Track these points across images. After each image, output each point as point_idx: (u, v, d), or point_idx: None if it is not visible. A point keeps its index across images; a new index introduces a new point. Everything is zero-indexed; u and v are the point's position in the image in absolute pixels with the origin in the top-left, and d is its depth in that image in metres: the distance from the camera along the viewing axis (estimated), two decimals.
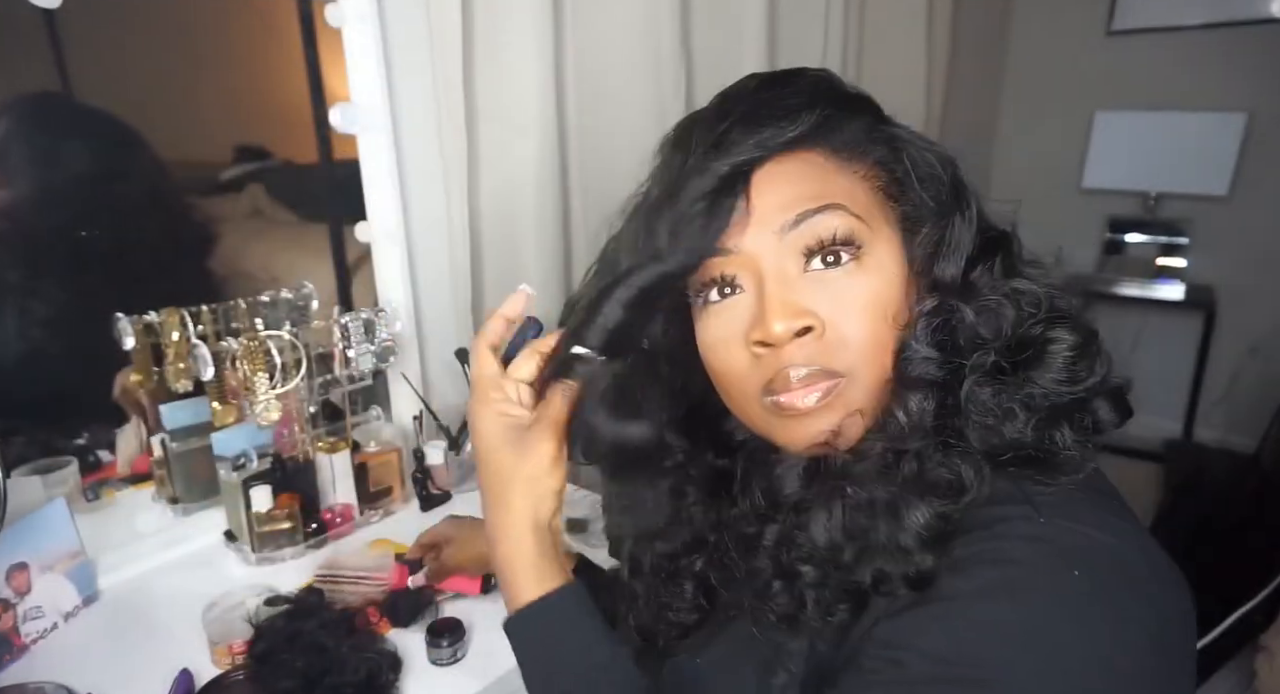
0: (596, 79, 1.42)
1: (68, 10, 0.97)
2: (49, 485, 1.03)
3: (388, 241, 1.23)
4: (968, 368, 0.45)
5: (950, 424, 0.45)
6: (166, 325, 1.00)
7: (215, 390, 1.02)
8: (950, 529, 0.43)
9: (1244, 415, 2.87)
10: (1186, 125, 2.83)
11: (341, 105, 1.16)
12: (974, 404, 0.45)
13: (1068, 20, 3.06)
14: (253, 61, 1.31)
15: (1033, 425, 0.44)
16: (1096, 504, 0.45)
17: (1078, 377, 0.45)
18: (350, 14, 1.12)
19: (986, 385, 0.45)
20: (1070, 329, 0.45)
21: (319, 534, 1.06)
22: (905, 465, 0.45)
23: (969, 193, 0.50)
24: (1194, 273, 2.90)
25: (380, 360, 1.13)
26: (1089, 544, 0.42)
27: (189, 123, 1.24)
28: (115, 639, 0.89)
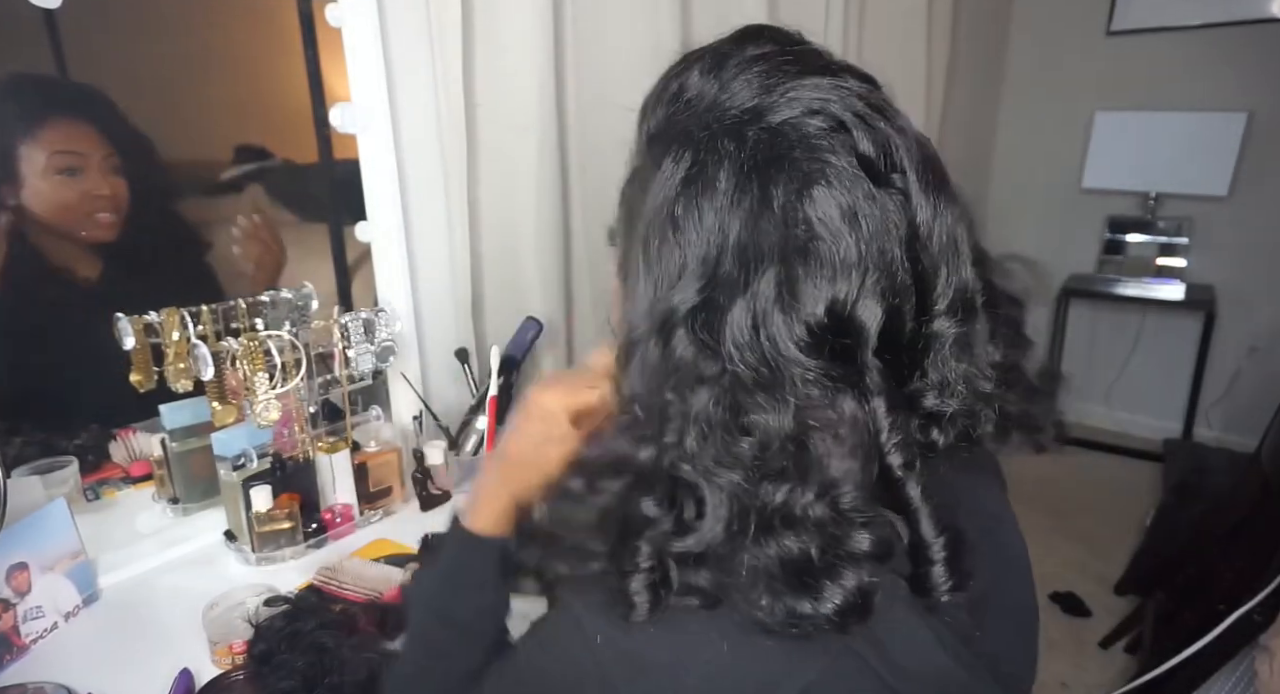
0: (596, 79, 1.42)
1: (68, 10, 0.98)
2: (49, 485, 1.03)
3: (388, 241, 1.23)
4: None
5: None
6: (166, 325, 1.00)
7: (215, 390, 1.02)
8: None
9: (1244, 415, 2.87)
10: (1186, 125, 2.84)
11: (341, 105, 1.16)
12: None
13: (1068, 20, 3.06)
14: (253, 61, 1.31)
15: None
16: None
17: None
18: (350, 14, 1.12)
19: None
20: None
21: (319, 534, 1.06)
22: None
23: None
24: (1194, 273, 2.91)
25: (380, 360, 1.13)
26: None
27: (189, 123, 1.24)
28: (115, 639, 0.89)
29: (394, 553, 1.05)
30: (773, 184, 0.41)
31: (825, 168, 0.41)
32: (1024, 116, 3.23)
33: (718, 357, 0.41)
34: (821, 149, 0.41)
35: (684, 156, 0.43)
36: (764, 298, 0.40)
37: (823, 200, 0.41)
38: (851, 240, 0.41)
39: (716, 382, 0.41)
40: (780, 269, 0.40)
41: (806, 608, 0.39)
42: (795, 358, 0.40)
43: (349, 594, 0.92)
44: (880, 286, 0.41)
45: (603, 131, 1.46)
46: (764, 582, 0.40)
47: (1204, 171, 2.83)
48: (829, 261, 0.40)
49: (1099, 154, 3.01)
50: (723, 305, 0.41)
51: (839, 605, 0.39)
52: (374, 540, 1.09)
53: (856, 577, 0.40)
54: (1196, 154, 2.83)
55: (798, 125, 0.42)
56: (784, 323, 0.40)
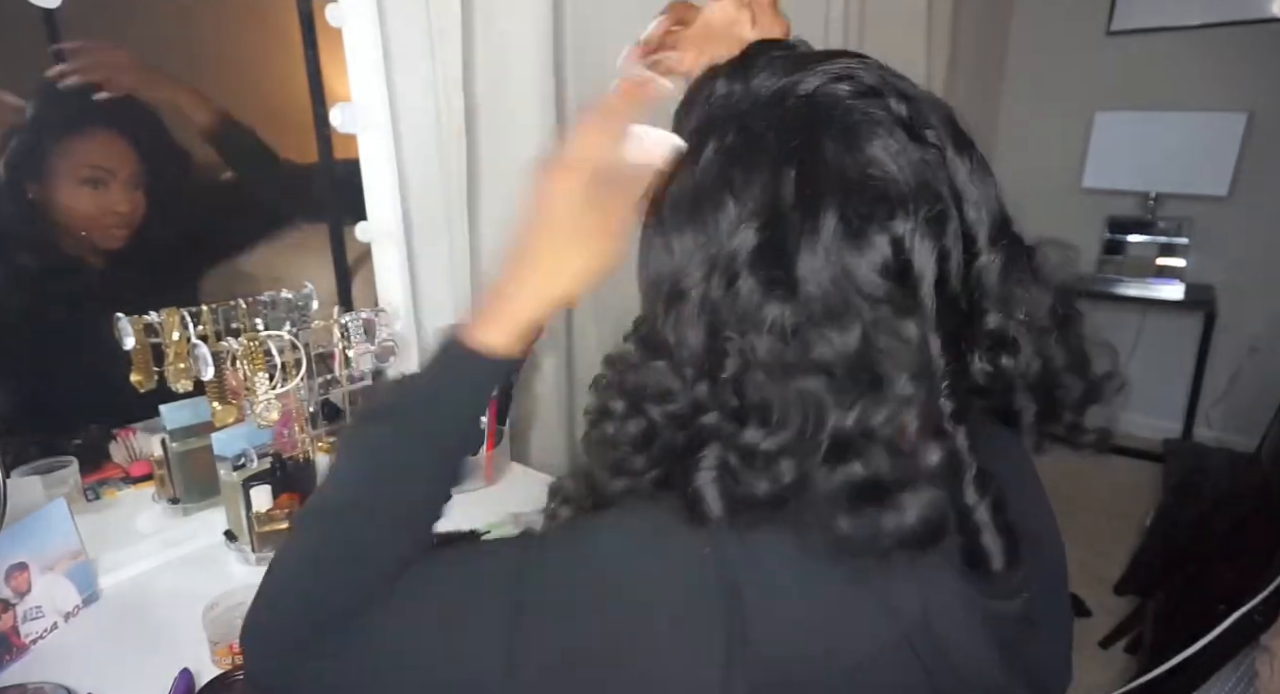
0: (596, 79, 1.42)
1: (68, 10, 0.98)
2: (49, 485, 1.03)
3: (388, 241, 1.23)
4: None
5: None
6: (166, 325, 1.00)
7: (215, 390, 1.02)
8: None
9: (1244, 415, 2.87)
10: (1186, 125, 2.83)
11: (341, 105, 1.16)
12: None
13: (1068, 20, 3.06)
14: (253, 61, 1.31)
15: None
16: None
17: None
18: (350, 14, 1.12)
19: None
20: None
21: None
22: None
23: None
24: (1194, 273, 2.91)
25: (380, 360, 1.13)
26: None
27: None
28: (115, 639, 0.89)
29: None
30: (821, 135, 0.44)
31: (867, 118, 0.44)
32: (1024, 116, 3.23)
33: (785, 288, 0.42)
34: (858, 105, 0.44)
35: (727, 132, 0.46)
36: (829, 232, 0.42)
37: (869, 146, 0.43)
38: (900, 177, 0.43)
39: (785, 309, 0.42)
40: (842, 207, 0.42)
41: (891, 521, 0.41)
42: (866, 280, 0.42)
43: None
44: (933, 224, 0.43)
45: None
46: (843, 503, 0.41)
47: (1204, 171, 2.83)
48: (885, 198, 0.42)
49: (1099, 154, 3.01)
50: (788, 245, 0.42)
51: (921, 515, 0.41)
52: None
53: (931, 491, 0.41)
54: (1196, 154, 2.83)
55: (830, 91, 0.45)
56: (851, 254, 0.42)
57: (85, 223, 1.12)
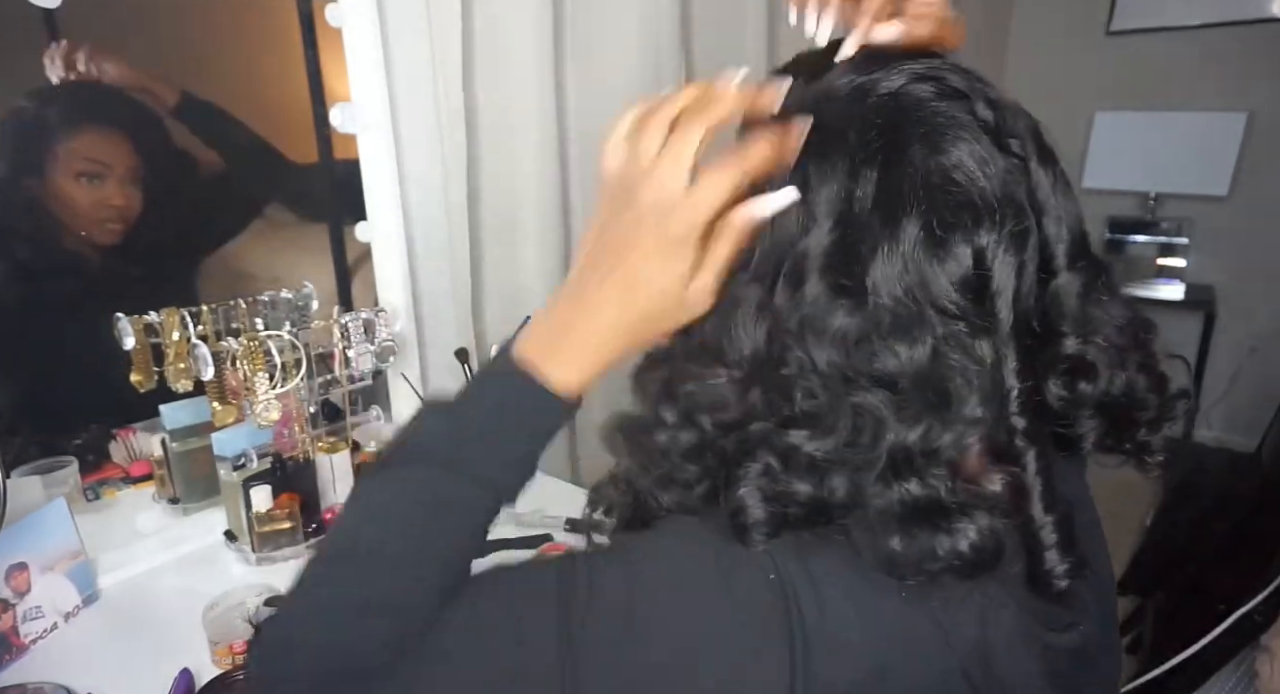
0: (596, 79, 1.42)
1: (68, 10, 0.97)
2: (49, 485, 1.03)
3: (388, 241, 1.23)
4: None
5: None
6: (166, 325, 1.00)
7: (215, 390, 1.02)
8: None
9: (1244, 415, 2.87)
10: (1186, 125, 2.83)
11: (341, 105, 1.16)
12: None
13: (1068, 20, 3.06)
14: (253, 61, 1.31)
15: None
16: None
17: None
18: (350, 14, 1.12)
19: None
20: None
21: (319, 534, 1.06)
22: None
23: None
24: (1194, 273, 2.91)
25: (380, 360, 1.13)
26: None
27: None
28: (115, 639, 0.89)
29: None
30: (903, 135, 0.41)
31: (951, 121, 0.42)
32: None
33: (854, 297, 0.40)
34: (944, 108, 0.42)
35: (804, 127, 0.43)
36: (909, 240, 0.40)
37: (954, 150, 0.41)
38: (986, 185, 0.41)
39: (852, 319, 0.40)
40: (925, 214, 0.40)
41: (944, 544, 0.39)
42: (943, 293, 0.40)
43: None
44: (1015, 237, 0.41)
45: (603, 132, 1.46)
46: (895, 522, 0.40)
47: (1204, 171, 2.83)
48: (970, 207, 0.40)
49: (1099, 154, 3.01)
50: (863, 250, 0.40)
51: (974, 542, 0.39)
52: None
53: (989, 518, 0.40)
54: (1196, 154, 2.83)
55: (913, 91, 0.43)
56: (930, 265, 0.40)
57: (81, 218, 1.12)
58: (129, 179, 1.14)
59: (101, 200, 1.12)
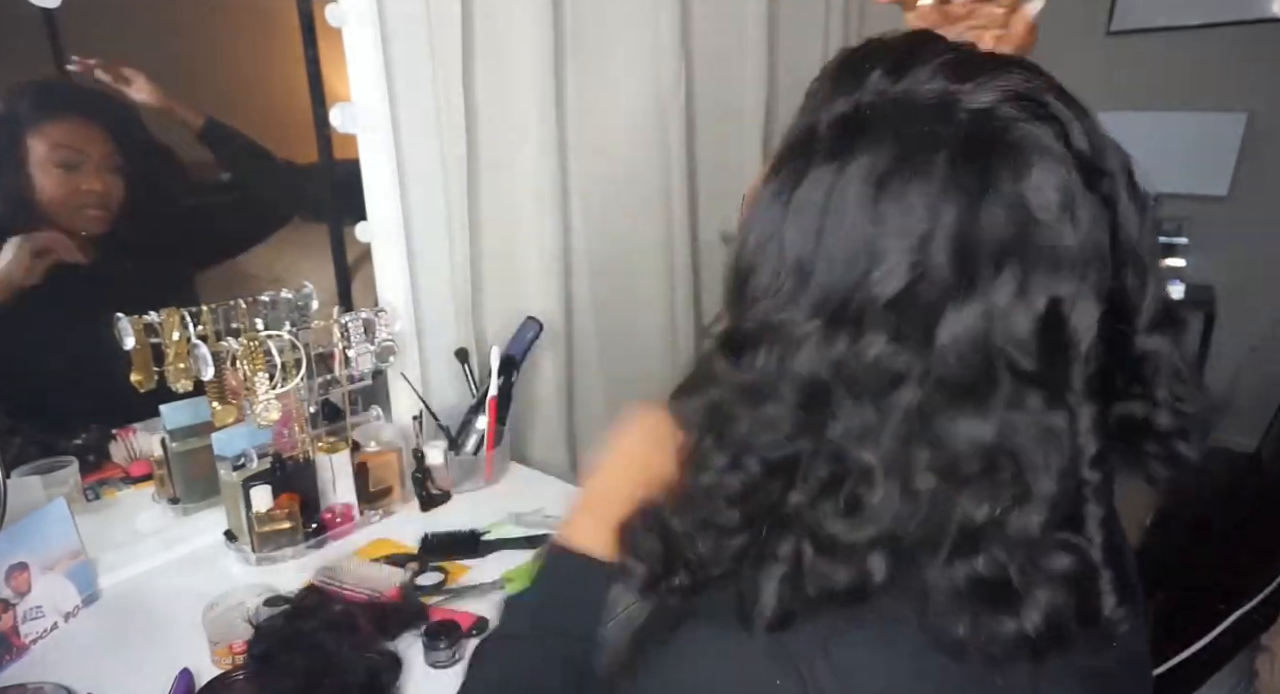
0: (596, 79, 1.42)
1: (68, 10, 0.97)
2: (49, 485, 1.03)
3: (388, 241, 1.23)
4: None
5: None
6: (166, 325, 1.00)
7: (215, 390, 1.02)
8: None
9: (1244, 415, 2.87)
10: (1186, 125, 2.83)
11: (341, 105, 1.16)
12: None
13: (1068, 20, 3.05)
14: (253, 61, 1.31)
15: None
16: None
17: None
18: (350, 14, 1.12)
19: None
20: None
21: (319, 534, 1.06)
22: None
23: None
24: (1194, 273, 2.90)
25: (380, 360, 1.13)
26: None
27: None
28: (115, 639, 0.89)
29: (394, 553, 1.05)
30: (993, 166, 0.37)
31: (1044, 150, 0.37)
32: None
33: (919, 353, 0.37)
34: (1032, 134, 0.37)
35: (883, 141, 0.38)
36: (1001, 293, 0.36)
37: (1042, 185, 0.36)
38: (1071, 230, 0.36)
39: (914, 380, 0.37)
40: (1014, 260, 0.36)
41: (1010, 627, 0.36)
42: (1020, 347, 0.36)
43: (349, 594, 0.92)
44: (1098, 287, 0.37)
45: (603, 132, 1.46)
46: (961, 603, 0.37)
47: (1204, 171, 2.83)
48: (1049, 252, 0.36)
49: None
50: (935, 300, 0.36)
51: (1039, 624, 0.36)
52: (374, 540, 1.09)
53: (1055, 597, 0.37)
54: (1196, 154, 2.83)
55: (1004, 112, 0.38)
56: (1008, 317, 0.36)
57: (61, 207, 1.13)
58: (107, 166, 1.15)
59: (78, 187, 1.13)
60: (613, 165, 1.48)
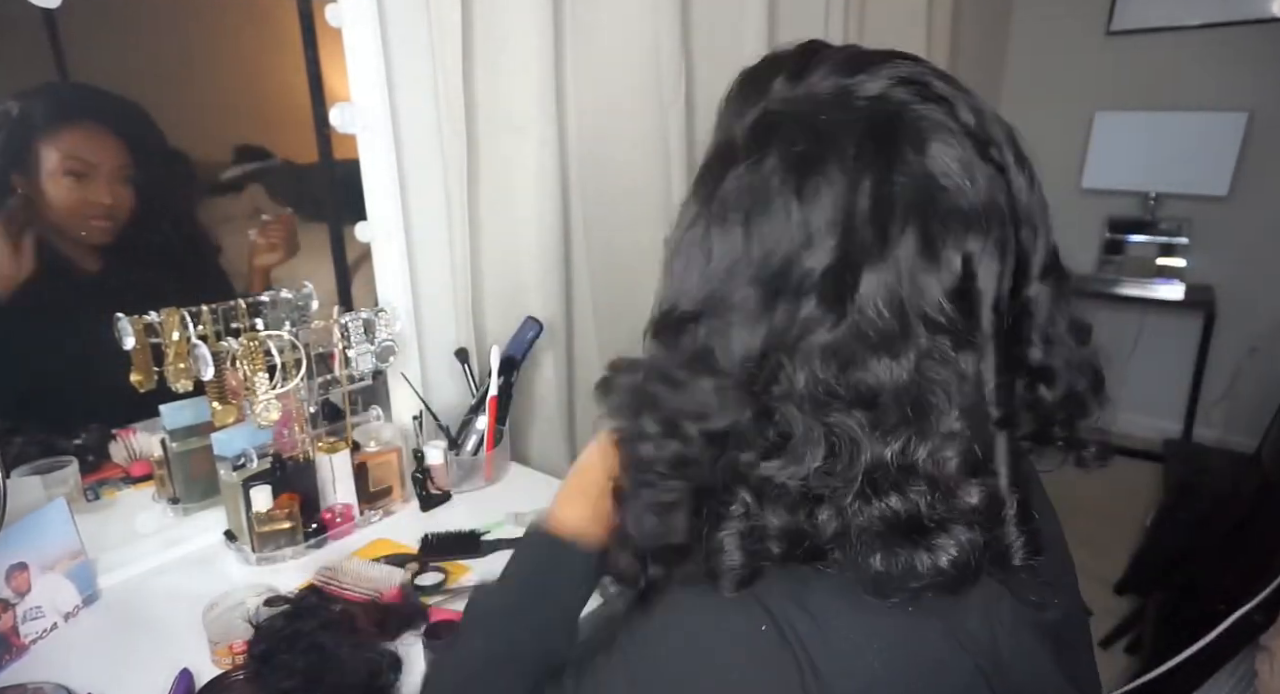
0: (596, 79, 1.42)
1: (67, 10, 0.97)
2: (49, 485, 1.03)
3: (388, 241, 1.23)
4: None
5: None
6: (166, 325, 1.00)
7: (215, 390, 1.02)
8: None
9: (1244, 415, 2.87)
10: (1186, 125, 2.83)
11: (341, 105, 1.16)
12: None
13: (1068, 20, 3.06)
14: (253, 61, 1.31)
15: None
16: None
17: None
18: (350, 14, 1.12)
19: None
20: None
21: (319, 534, 1.06)
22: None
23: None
24: (1194, 273, 2.91)
25: (380, 360, 1.13)
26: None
27: (188, 123, 1.24)
28: (115, 639, 0.89)
29: (394, 553, 1.05)
30: (897, 141, 0.41)
31: (937, 125, 0.41)
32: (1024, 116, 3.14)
33: (842, 312, 0.40)
34: (927, 113, 0.42)
35: (796, 136, 0.43)
36: (907, 251, 0.40)
37: (941, 154, 0.41)
38: (972, 192, 0.41)
39: (834, 334, 0.40)
40: (921, 221, 0.40)
41: (924, 561, 0.39)
42: (934, 304, 0.40)
43: (349, 594, 0.92)
44: (999, 243, 0.42)
45: (603, 132, 1.46)
46: (877, 541, 0.40)
47: (1204, 171, 2.83)
48: (958, 213, 0.40)
49: (1099, 154, 3.00)
50: (859, 264, 0.40)
51: (954, 558, 0.39)
52: (374, 540, 1.09)
53: (969, 532, 0.40)
54: (1196, 154, 2.83)
55: (893, 95, 0.42)
56: (924, 274, 0.40)
57: (69, 217, 1.12)
58: (119, 177, 1.14)
59: (88, 198, 1.12)
60: (613, 165, 1.48)
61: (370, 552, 1.06)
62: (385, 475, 1.16)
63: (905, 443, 0.39)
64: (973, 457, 0.40)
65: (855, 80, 0.43)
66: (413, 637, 0.87)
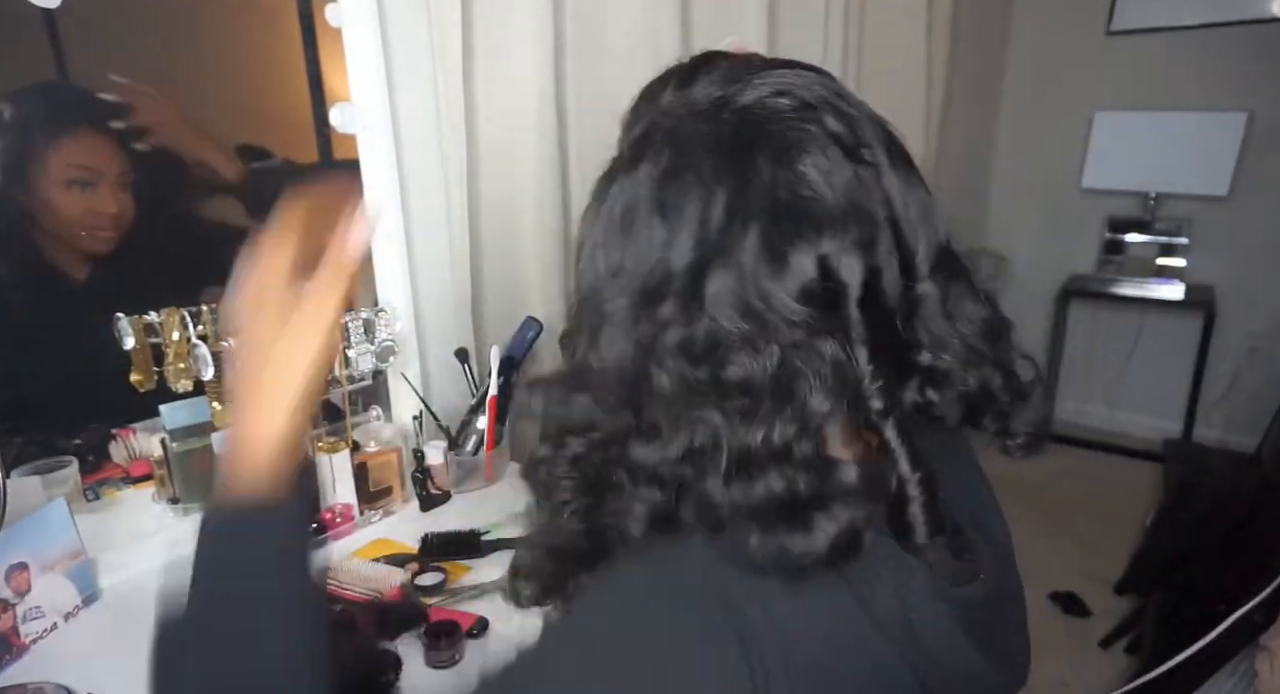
0: (596, 79, 1.42)
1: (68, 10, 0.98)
2: (49, 485, 1.03)
3: (388, 241, 1.23)
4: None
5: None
6: (166, 325, 1.00)
7: (215, 390, 1.02)
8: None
9: (1244, 415, 2.87)
10: (1186, 125, 2.83)
11: (341, 105, 1.16)
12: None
13: (1068, 20, 3.06)
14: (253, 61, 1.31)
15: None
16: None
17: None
18: (350, 14, 1.12)
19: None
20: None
21: (319, 534, 1.06)
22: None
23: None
24: (1194, 273, 2.91)
25: (380, 360, 1.13)
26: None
27: (189, 123, 1.24)
28: (115, 639, 0.89)
29: (394, 553, 1.05)
30: (753, 153, 0.43)
31: (801, 136, 0.43)
32: (1024, 116, 3.23)
33: (700, 313, 0.42)
34: (793, 121, 0.44)
35: (663, 150, 0.45)
36: (750, 254, 0.42)
37: (800, 163, 0.43)
38: (831, 196, 0.42)
39: (687, 329, 0.42)
40: (765, 226, 0.42)
41: (799, 543, 0.40)
42: (783, 305, 0.41)
43: (349, 594, 0.92)
44: (862, 243, 0.43)
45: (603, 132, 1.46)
46: (754, 519, 0.41)
47: (1204, 171, 2.83)
48: (812, 217, 0.42)
49: (1099, 154, 3.01)
50: (710, 266, 0.42)
51: (832, 538, 0.40)
52: (374, 540, 1.09)
53: (847, 511, 0.41)
54: (1196, 154, 2.83)
55: (766, 104, 0.44)
56: (771, 277, 0.41)
57: (74, 226, 1.12)
58: (121, 184, 1.14)
59: (93, 208, 1.12)
60: None
61: (370, 552, 1.06)
62: (385, 475, 1.16)
63: (769, 428, 0.40)
64: (851, 432, 0.43)
65: (733, 89, 0.45)
66: (413, 637, 0.87)
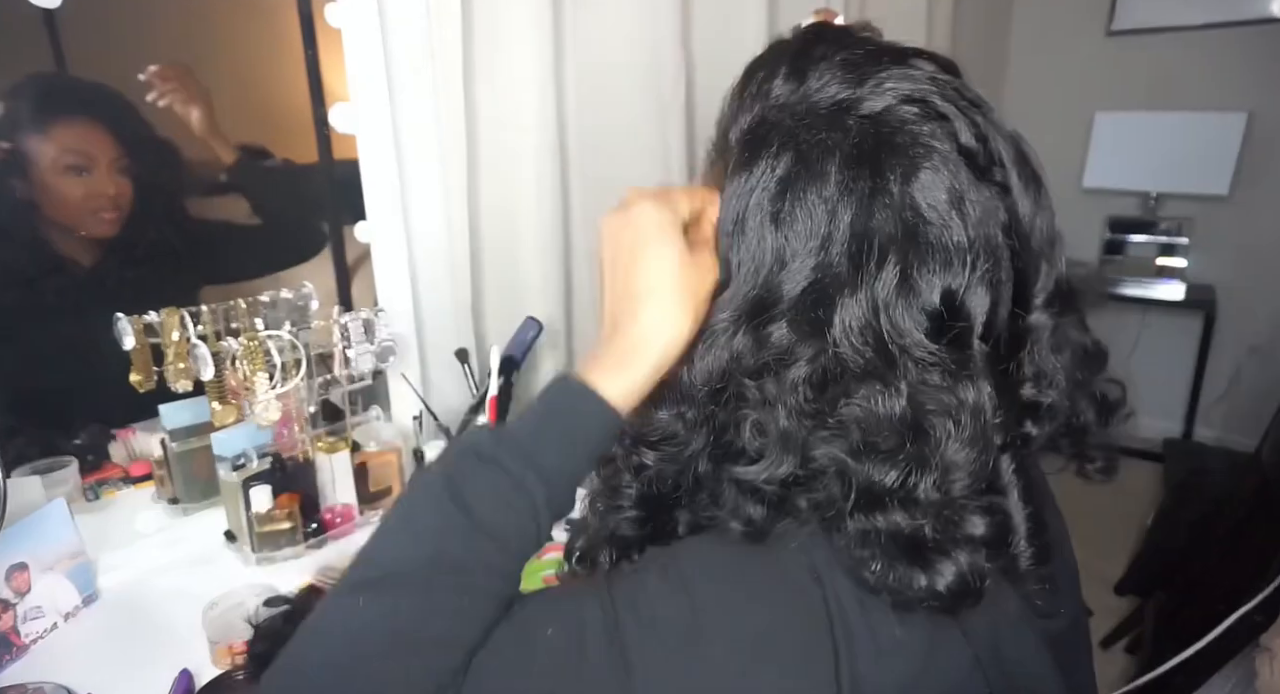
0: (596, 79, 1.42)
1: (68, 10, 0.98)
2: (49, 485, 1.03)
3: (388, 242, 1.23)
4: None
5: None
6: (166, 325, 1.00)
7: (215, 390, 1.02)
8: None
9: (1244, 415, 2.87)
10: (1186, 125, 2.83)
11: (341, 105, 1.16)
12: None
13: (1068, 20, 3.06)
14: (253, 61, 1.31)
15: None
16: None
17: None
18: (350, 14, 1.12)
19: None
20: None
21: (319, 534, 1.06)
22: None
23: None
24: (1194, 273, 2.90)
25: (380, 360, 1.13)
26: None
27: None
28: (115, 639, 0.89)
29: None
30: (882, 170, 0.40)
31: (930, 152, 0.40)
32: (1024, 116, 3.20)
33: (820, 342, 0.40)
34: (923, 135, 0.41)
35: (783, 153, 0.42)
36: (884, 286, 0.39)
37: (930, 185, 0.40)
38: (960, 225, 0.40)
39: (812, 365, 0.40)
40: (897, 257, 0.39)
41: (921, 581, 0.38)
42: (917, 342, 0.39)
43: None
44: (988, 274, 0.41)
45: (603, 132, 1.46)
46: (876, 545, 0.39)
47: (1204, 171, 2.83)
48: (940, 248, 0.40)
49: (1099, 154, 3.00)
50: (833, 294, 0.40)
51: (951, 584, 0.39)
52: None
53: (971, 558, 0.39)
54: (1196, 154, 2.83)
55: (895, 113, 0.41)
56: (904, 310, 0.39)
57: (74, 211, 1.13)
58: (117, 168, 1.14)
59: (92, 191, 1.13)
60: (613, 165, 1.48)
61: None
62: (385, 475, 1.16)
63: (906, 473, 0.39)
64: (978, 486, 0.40)
65: (858, 92, 0.42)
66: None
